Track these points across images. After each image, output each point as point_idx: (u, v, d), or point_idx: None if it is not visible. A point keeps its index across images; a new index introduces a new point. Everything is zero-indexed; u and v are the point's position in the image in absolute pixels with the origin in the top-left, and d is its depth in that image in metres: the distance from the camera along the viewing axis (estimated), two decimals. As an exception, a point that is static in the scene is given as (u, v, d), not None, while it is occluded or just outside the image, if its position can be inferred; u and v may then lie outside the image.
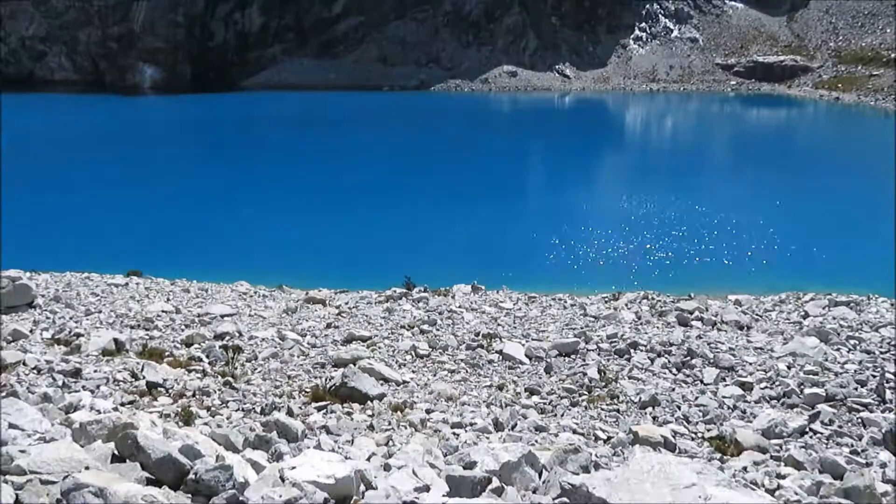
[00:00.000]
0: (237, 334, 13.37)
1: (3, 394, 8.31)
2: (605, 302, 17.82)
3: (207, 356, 11.84)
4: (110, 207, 34.43)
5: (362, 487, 5.12)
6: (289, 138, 54.78)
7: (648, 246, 27.67)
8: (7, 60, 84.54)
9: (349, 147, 51.33)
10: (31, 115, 61.46)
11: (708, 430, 9.23)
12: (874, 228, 29.58)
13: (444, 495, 5.22)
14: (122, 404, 9.18)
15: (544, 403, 10.43)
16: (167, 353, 11.85)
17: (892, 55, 71.67)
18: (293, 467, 4.94)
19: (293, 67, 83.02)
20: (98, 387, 9.72)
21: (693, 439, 9.02)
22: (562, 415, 9.94)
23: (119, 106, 70.23)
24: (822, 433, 8.93)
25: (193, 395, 9.86)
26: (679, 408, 10.04)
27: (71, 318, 13.84)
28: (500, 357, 12.46)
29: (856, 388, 10.31)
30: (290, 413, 9.12)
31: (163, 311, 14.95)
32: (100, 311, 14.61)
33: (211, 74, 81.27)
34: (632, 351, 12.59)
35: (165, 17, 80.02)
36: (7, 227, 26.81)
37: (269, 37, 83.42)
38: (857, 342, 12.73)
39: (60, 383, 9.61)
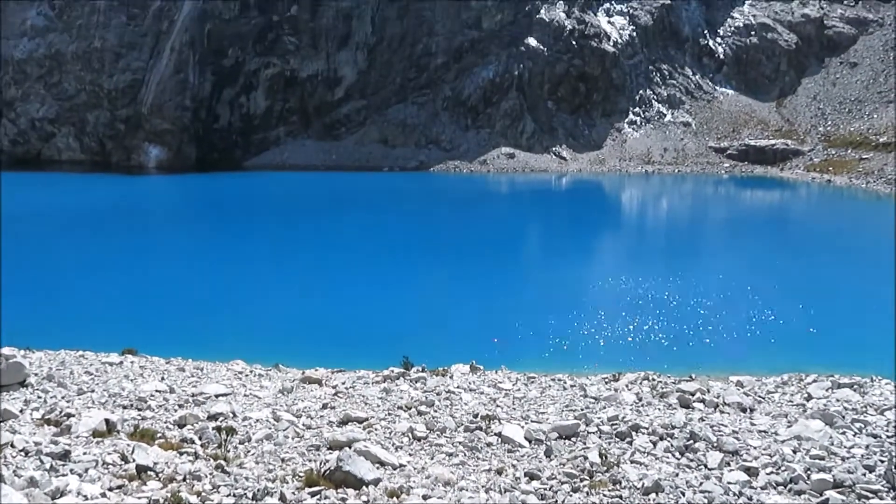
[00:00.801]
0: (231, 415, 13.11)
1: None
2: (606, 383, 17.58)
3: (200, 438, 11.57)
4: (108, 284, 34.43)
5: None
6: (287, 217, 55.41)
7: (648, 326, 27.55)
8: (16, 141, 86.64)
9: (347, 225, 51.86)
10: (34, 193, 62.40)
11: (714, 519, 8.93)
12: (873, 308, 29.55)
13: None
14: (111, 489, 8.91)
15: (545, 489, 10.12)
16: (159, 435, 11.58)
17: (880, 140, 73.53)
18: (284, 558, 4.76)
19: (296, 148, 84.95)
20: (86, 470, 9.44)
21: (699, 528, 8.72)
22: (563, 501, 9.64)
23: (122, 184, 71.41)
24: (831, 522, 8.63)
25: (184, 480, 9.58)
26: (683, 494, 9.74)
27: (63, 398, 13.59)
28: (499, 439, 12.18)
29: (864, 474, 10.05)
30: (282, 499, 8.84)
31: (156, 391, 14.71)
32: (92, 391, 14.37)
33: (215, 155, 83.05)
34: (633, 434, 12.33)
35: (173, 99, 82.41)
36: (4, 303, 26.75)
37: (273, 119, 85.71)
38: (862, 425, 12.49)
39: (48, 466, 9.34)
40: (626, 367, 20.56)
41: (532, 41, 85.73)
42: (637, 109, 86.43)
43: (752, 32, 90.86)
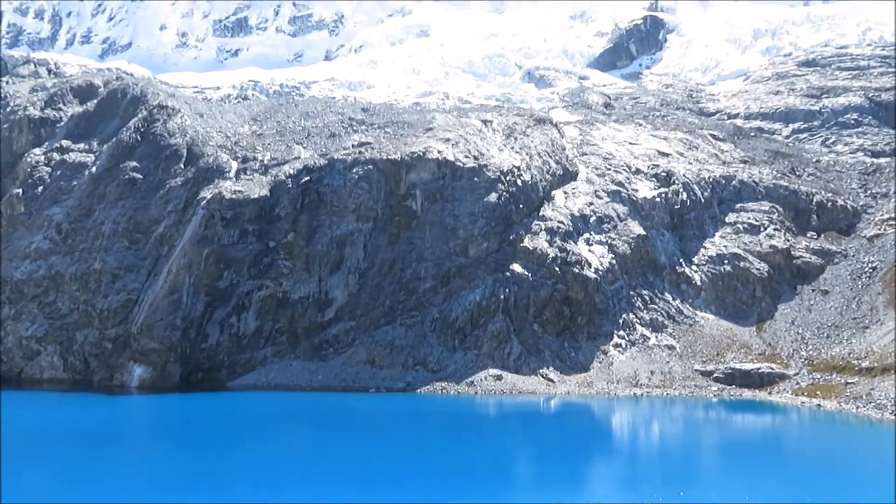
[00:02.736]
0: None
1: None
2: None
3: None
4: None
5: None
6: (267, 443, 53.56)
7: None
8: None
9: (328, 454, 50.04)
10: (11, 413, 60.59)
11: None
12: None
13: None
14: None
15: None
16: None
17: (863, 364, 74.42)
18: None
19: (282, 368, 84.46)
20: None
21: None
22: None
23: (102, 406, 69.63)
24: None
25: None
26: None
27: None
28: None
29: None
30: None
31: None
32: None
33: (199, 374, 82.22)
34: None
35: (164, 319, 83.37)
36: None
37: (261, 339, 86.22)
38: None
39: None
40: None
41: (517, 267, 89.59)
42: (621, 332, 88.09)
43: (725, 261, 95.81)
